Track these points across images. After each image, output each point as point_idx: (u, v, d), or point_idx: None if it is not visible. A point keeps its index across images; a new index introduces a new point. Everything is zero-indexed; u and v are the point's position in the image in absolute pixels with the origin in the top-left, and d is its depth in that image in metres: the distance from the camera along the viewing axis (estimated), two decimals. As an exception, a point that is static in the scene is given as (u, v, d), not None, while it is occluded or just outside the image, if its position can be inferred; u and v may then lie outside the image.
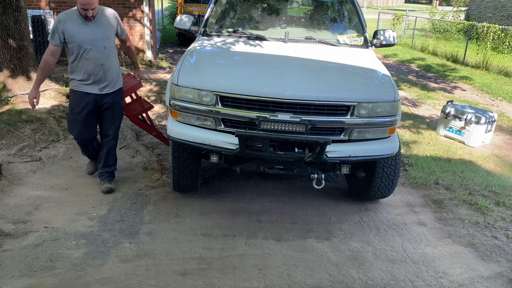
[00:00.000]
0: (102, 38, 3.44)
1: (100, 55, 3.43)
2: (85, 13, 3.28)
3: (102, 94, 3.55)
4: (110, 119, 3.70)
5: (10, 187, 3.78)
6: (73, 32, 3.32)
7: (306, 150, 3.09)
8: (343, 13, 4.73)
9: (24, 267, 2.75)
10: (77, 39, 3.33)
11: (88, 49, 3.37)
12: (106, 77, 3.53)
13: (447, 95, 8.38)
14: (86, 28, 3.36)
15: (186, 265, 2.90)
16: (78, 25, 3.34)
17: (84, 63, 3.41)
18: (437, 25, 17.52)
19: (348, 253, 3.14)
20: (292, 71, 3.33)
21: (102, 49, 3.44)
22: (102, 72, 3.49)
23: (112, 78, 3.58)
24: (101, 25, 3.44)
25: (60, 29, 3.30)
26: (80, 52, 3.37)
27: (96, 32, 3.40)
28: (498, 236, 3.49)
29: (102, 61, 3.46)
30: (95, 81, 3.48)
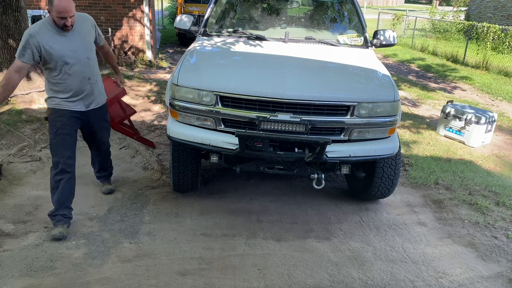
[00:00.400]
0: (84, 48, 3.06)
1: (85, 68, 3.07)
2: (63, 22, 2.84)
3: (89, 110, 3.20)
4: (101, 133, 3.48)
5: (10, 187, 3.78)
6: (50, 45, 2.87)
7: (306, 150, 3.09)
8: (343, 13, 4.73)
9: (24, 267, 2.75)
10: (56, 53, 2.90)
11: (71, 63, 2.97)
12: (93, 92, 3.20)
13: (447, 95, 8.38)
14: (65, 40, 2.94)
15: (186, 265, 2.90)
16: (54, 37, 2.90)
17: (68, 79, 3.01)
18: (437, 25, 17.52)
19: (348, 253, 3.14)
20: (292, 71, 3.33)
21: (86, 60, 3.07)
22: (90, 86, 3.14)
23: (98, 91, 3.27)
24: (80, 34, 3.04)
25: (34, 45, 2.82)
26: (62, 67, 2.96)
27: (76, 42, 3.00)
28: (498, 236, 3.49)
29: (88, 74, 3.11)
30: (82, 98, 3.12)
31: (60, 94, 3.04)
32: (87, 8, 8.57)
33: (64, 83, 3.01)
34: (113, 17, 8.76)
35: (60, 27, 2.87)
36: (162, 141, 5.02)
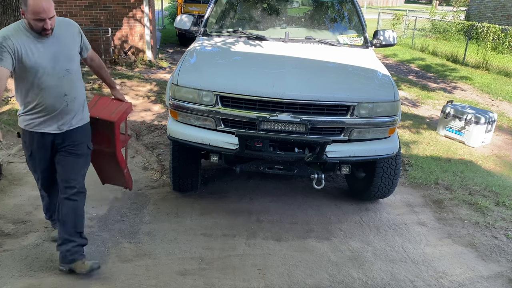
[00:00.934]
0: (64, 58, 2.53)
1: (62, 82, 2.52)
2: (41, 25, 2.33)
3: (62, 133, 2.61)
4: (73, 165, 2.71)
5: (10, 187, 3.78)
6: (26, 52, 2.37)
7: (306, 150, 3.10)
8: (343, 13, 4.73)
9: (24, 267, 2.75)
10: (29, 61, 2.38)
11: (45, 74, 2.44)
12: (69, 111, 2.60)
13: (447, 95, 8.38)
14: (41, 47, 2.42)
15: (186, 265, 2.90)
16: (29, 43, 2.39)
17: (40, 94, 2.47)
18: (437, 25, 17.51)
19: (348, 253, 3.14)
20: (292, 71, 3.33)
21: (64, 73, 2.52)
22: (65, 104, 2.56)
23: (77, 110, 2.66)
24: (60, 41, 2.52)
25: (10, 47, 2.33)
26: (33, 79, 2.43)
27: (55, 50, 2.48)
28: (498, 236, 3.49)
29: (65, 90, 2.54)
30: (53, 117, 2.55)
31: (30, 112, 2.52)
32: (87, 8, 8.58)
33: (35, 99, 2.49)
34: (113, 17, 8.77)
35: (38, 32, 2.37)
36: (162, 141, 5.02)
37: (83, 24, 8.61)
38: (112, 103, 3.07)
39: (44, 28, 2.35)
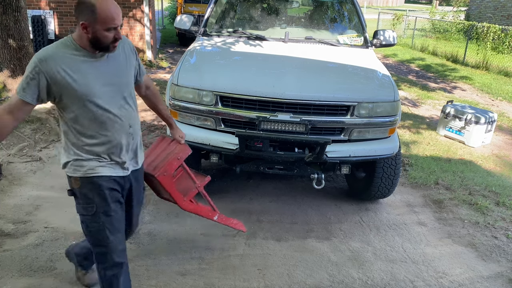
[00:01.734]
0: (121, 83, 2.00)
1: (123, 112, 1.99)
2: (112, 35, 1.83)
3: (127, 175, 2.10)
4: (138, 212, 2.37)
5: (10, 187, 3.78)
6: (71, 76, 1.82)
7: (306, 150, 3.10)
8: (343, 13, 4.73)
9: (24, 267, 2.75)
10: (81, 88, 1.84)
11: (103, 103, 1.91)
12: (134, 146, 2.11)
13: (447, 95, 8.38)
14: (94, 69, 1.89)
15: (186, 265, 2.90)
16: (78, 65, 1.85)
17: (100, 128, 1.94)
18: (437, 25, 17.52)
19: (348, 253, 3.14)
20: (292, 71, 3.33)
21: (124, 101, 2.01)
22: (131, 138, 2.07)
23: (140, 145, 2.19)
24: (115, 61, 1.98)
25: (47, 73, 1.78)
26: (88, 110, 1.89)
27: (110, 73, 1.95)
28: (498, 236, 3.49)
29: (129, 121, 2.03)
30: (118, 155, 2.03)
31: (90, 154, 1.97)
32: (87, 8, 8.57)
33: (94, 135, 1.94)
34: (113, 17, 8.76)
35: (105, 46, 1.85)
36: (162, 141, 5.02)
37: (83, 24, 8.61)
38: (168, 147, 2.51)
39: (115, 38, 1.85)
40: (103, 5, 1.76)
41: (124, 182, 2.08)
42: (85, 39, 1.82)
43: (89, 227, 2.03)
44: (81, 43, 1.84)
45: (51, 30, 8.49)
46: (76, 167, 1.98)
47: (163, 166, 2.36)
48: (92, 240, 2.07)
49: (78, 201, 2.02)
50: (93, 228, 2.02)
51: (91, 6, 1.74)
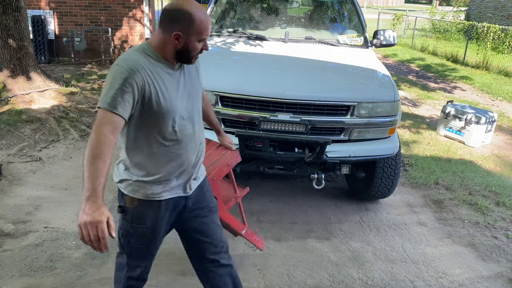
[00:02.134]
0: (195, 95, 1.86)
1: (195, 127, 1.85)
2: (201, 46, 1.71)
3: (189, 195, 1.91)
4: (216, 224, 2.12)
5: (10, 187, 3.78)
6: (157, 89, 1.64)
7: (306, 150, 3.10)
8: (343, 13, 4.73)
9: (24, 267, 2.75)
10: (165, 102, 1.66)
11: (181, 118, 1.74)
12: (199, 163, 1.95)
13: (447, 95, 8.38)
14: (174, 82, 1.72)
15: (186, 265, 2.89)
16: (163, 76, 1.67)
17: (176, 147, 1.77)
18: (437, 25, 17.52)
19: (348, 253, 3.14)
20: (292, 71, 3.33)
21: (197, 115, 1.88)
22: (200, 155, 1.92)
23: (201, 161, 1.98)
24: (189, 73, 1.82)
25: (139, 84, 1.58)
26: (167, 127, 1.71)
27: (186, 86, 1.79)
28: (498, 236, 3.49)
29: (200, 137, 1.90)
30: (186, 175, 1.85)
31: (156, 176, 1.77)
32: (87, 8, 8.58)
33: (167, 155, 1.76)
34: (113, 17, 8.77)
35: (190, 58, 1.72)
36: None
37: (83, 24, 8.61)
38: (215, 152, 2.40)
39: (202, 50, 1.72)
40: (200, 14, 1.62)
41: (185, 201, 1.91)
42: (171, 49, 1.66)
43: (130, 243, 1.92)
44: (164, 53, 1.67)
45: (51, 30, 8.49)
46: (137, 187, 1.78)
47: (214, 171, 2.21)
48: (129, 252, 1.98)
49: (126, 218, 1.86)
50: (135, 245, 1.94)
51: (188, 15, 1.60)
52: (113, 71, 1.58)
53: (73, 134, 4.99)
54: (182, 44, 1.64)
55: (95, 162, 1.51)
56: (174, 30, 1.61)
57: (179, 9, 1.60)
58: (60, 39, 8.53)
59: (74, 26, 8.55)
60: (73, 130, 5.09)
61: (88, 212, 1.47)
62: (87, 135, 5.02)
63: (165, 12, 1.64)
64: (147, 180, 1.77)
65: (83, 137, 4.98)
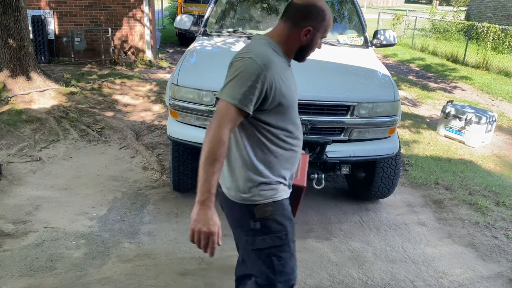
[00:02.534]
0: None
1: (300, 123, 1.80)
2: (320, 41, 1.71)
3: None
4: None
5: (10, 187, 3.78)
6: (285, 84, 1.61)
7: (306, 150, 3.09)
8: (343, 13, 4.73)
9: (24, 267, 2.75)
10: (287, 100, 1.62)
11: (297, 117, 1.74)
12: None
13: (447, 95, 8.38)
14: (292, 78, 1.73)
15: (186, 265, 2.90)
16: (286, 72, 1.65)
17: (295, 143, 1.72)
18: (437, 25, 17.52)
19: (348, 253, 3.14)
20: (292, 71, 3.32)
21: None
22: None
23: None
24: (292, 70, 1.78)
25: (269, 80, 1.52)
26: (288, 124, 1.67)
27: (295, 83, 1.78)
28: (498, 236, 3.49)
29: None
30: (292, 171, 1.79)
31: (280, 173, 1.69)
32: (87, 8, 8.58)
33: (289, 152, 1.70)
34: (113, 17, 8.77)
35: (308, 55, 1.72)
36: (162, 141, 5.02)
37: (83, 24, 8.61)
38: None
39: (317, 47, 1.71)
40: (329, 11, 1.64)
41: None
42: (296, 44, 1.64)
43: (281, 259, 1.71)
44: (286, 48, 1.65)
45: (51, 30, 8.49)
46: (266, 191, 1.65)
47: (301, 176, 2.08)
48: (281, 271, 1.73)
49: (265, 232, 1.67)
50: (286, 256, 1.72)
51: (322, 11, 1.61)
52: (246, 64, 1.51)
53: (73, 134, 4.99)
54: (308, 40, 1.63)
55: (214, 164, 1.44)
56: (305, 25, 1.60)
57: (314, 4, 1.60)
58: (60, 39, 8.53)
59: (74, 26, 8.55)
60: (73, 130, 5.09)
61: (202, 219, 1.45)
62: (87, 135, 5.02)
63: (298, 7, 1.62)
64: (271, 180, 1.66)
65: (83, 137, 4.98)
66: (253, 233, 1.68)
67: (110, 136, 5.07)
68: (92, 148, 4.76)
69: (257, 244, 1.69)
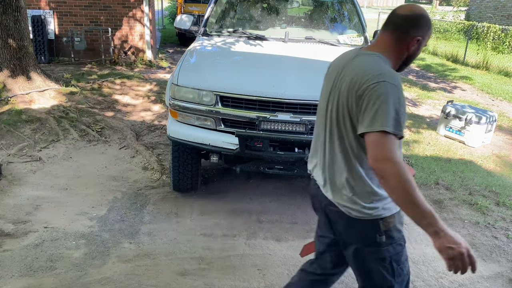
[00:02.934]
0: None
1: None
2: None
3: None
4: None
5: (10, 187, 3.78)
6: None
7: (306, 150, 3.09)
8: (343, 13, 4.73)
9: (24, 267, 2.75)
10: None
11: None
12: None
13: (447, 95, 8.38)
14: None
15: (186, 265, 2.90)
16: None
17: None
18: (437, 25, 17.52)
19: (348, 253, 3.13)
20: (292, 71, 3.33)
21: None
22: None
23: None
24: None
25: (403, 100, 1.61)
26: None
27: None
28: (498, 236, 3.49)
29: None
30: None
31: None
32: (87, 8, 8.57)
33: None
34: (113, 17, 8.76)
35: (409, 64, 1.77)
36: (162, 141, 5.02)
37: (83, 24, 8.61)
38: None
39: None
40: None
41: None
42: (403, 55, 1.66)
43: (401, 264, 1.75)
44: (394, 61, 1.67)
45: (51, 30, 8.49)
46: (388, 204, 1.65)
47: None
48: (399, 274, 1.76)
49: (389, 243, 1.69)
50: (404, 259, 1.77)
51: (428, 20, 1.63)
52: (387, 89, 1.51)
53: (73, 134, 4.99)
54: (416, 49, 1.65)
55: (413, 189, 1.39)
56: (415, 35, 1.60)
57: (422, 14, 1.61)
58: (60, 39, 8.53)
59: (74, 26, 8.55)
60: (73, 130, 5.08)
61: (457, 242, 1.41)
62: (87, 135, 5.02)
63: (406, 17, 1.62)
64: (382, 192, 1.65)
65: (83, 137, 4.98)
66: (377, 245, 1.69)
67: (110, 136, 5.07)
68: (92, 148, 4.76)
69: (380, 254, 1.71)
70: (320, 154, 1.80)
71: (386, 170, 1.41)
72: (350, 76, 1.60)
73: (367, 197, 1.64)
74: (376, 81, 1.50)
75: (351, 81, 1.57)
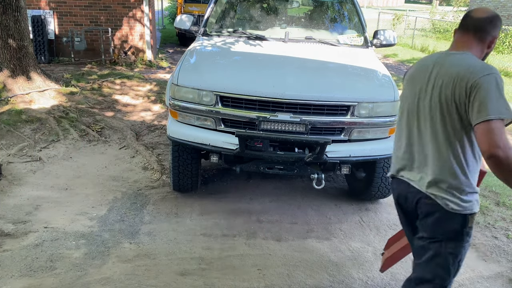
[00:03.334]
0: None
1: None
2: None
3: None
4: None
5: (10, 187, 3.78)
6: None
7: (306, 150, 3.10)
8: (343, 13, 4.73)
9: (24, 267, 2.75)
10: None
11: None
12: None
13: (447, 95, 8.37)
14: None
15: (186, 265, 2.90)
16: None
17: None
18: (437, 25, 17.52)
19: (348, 253, 3.14)
20: (292, 71, 3.33)
21: None
22: None
23: None
24: None
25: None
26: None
27: None
28: (498, 236, 3.49)
29: None
30: None
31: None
32: (87, 8, 8.57)
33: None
34: (113, 17, 8.77)
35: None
36: (162, 141, 5.02)
37: (83, 24, 8.61)
38: None
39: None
40: None
41: None
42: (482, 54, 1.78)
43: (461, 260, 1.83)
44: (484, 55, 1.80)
45: (51, 30, 8.49)
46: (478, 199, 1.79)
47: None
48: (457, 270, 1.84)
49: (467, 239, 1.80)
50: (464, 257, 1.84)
51: (500, 19, 1.76)
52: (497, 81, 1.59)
53: (73, 134, 4.99)
54: (492, 47, 1.78)
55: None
56: (493, 35, 1.75)
57: (496, 14, 1.73)
58: (60, 39, 8.53)
59: (74, 26, 8.55)
60: (73, 130, 5.09)
61: None
62: (87, 135, 5.02)
63: (485, 19, 1.73)
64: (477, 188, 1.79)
65: (83, 137, 4.98)
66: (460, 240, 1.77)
67: (110, 136, 5.07)
68: (92, 148, 4.76)
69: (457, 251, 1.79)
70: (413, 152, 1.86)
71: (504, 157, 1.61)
72: (454, 71, 1.68)
73: (464, 189, 1.73)
74: (487, 73, 1.60)
75: (457, 75, 1.65)
